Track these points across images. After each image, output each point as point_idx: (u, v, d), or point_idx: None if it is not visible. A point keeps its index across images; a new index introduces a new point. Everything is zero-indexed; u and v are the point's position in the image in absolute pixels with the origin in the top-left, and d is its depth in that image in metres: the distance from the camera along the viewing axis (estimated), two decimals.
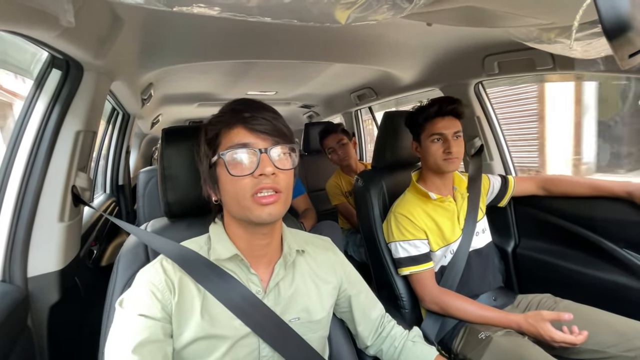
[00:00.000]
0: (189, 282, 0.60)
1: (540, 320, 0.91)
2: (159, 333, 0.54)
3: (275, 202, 0.58)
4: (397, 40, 1.32)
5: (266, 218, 0.58)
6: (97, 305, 0.75)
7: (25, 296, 0.79)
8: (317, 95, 2.63)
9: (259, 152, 0.58)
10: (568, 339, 0.86)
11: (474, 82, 1.55)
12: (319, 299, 0.69)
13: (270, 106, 0.63)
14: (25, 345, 0.77)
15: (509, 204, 1.57)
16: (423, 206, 1.12)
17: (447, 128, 1.09)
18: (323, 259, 0.73)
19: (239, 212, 0.60)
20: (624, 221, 1.15)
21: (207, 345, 0.57)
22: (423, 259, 1.09)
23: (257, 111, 0.60)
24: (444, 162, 1.09)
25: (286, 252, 0.67)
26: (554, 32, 0.75)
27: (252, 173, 0.57)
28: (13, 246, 0.80)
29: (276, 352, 0.62)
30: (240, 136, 0.59)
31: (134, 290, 0.57)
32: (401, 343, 0.78)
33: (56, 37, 0.68)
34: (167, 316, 0.56)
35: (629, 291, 1.12)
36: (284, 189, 0.59)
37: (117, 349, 0.51)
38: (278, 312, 0.63)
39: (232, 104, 0.63)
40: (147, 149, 3.59)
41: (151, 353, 0.51)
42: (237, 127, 0.60)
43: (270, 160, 0.58)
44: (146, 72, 1.43)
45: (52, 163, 0.86)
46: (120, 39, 0.92)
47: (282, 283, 0.65)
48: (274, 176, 0.58)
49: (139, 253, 0.72)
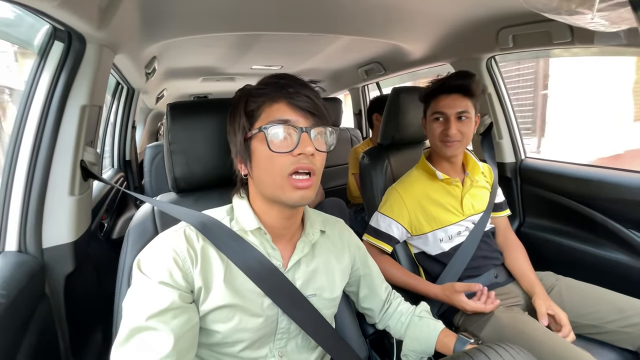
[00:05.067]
0: (212, 251, 0.60)
1: (453, 292, 0.95)
2: (179, 301, 0.53)
3: (309, 186, 0.58)
4: (408, 11, 1.26)
5: (298, 201, 0.58)
6: (109, 276, 0.78)
7: (41, 266, 0.83)
8: (323, 70, 2.57)
9: (300, 131, 0.56)
10: (478, 307, 0.93)
11: (486, 57, 1.49)
12: (335, 278, 0.71)
13: (309, 84, 0.62)
14: (44, 311, 0.81)
15: (515, 183, 1.56)
16: (427, 185, 1.10)
17: (449, 107, 1.02)
18: (339, 239, 0.75)
19: (271, 191, 0.59)
20: (630, 202, 1.14)
21: (227, 313, 0.58)
22: (386, 238, 1.08)
23: (300, 88, 0.59)
24: (441, 144, 1.04)
25: (309, 230, 0.68)
26: (575, 2, 0.71)
27: (291, 151, 0.56)
28: (26, 218, 0.82)
29: (292, 324, 0.63)
30: (282, 111, 0.58)
31: (155, 255, 0.56)
32: (407, 319, 0.81)
33: (56, 7, 0.66)
34: (189, 285, 0.56)
35: (632, 270, 1.13)
36: (318, 172, 0.59)
37: (137, 315, 0.50)
38: (297, 286, 0.64)
39: (274, 77, 0.61)
40: (153, 125, 3.58)
41: (169, 320, 0.51)
42: (279, 101, 0.58)
43: (310, 140, 0.57)
44: (149, 45, 1.40)
45: (59, 138, 0.87)
46: (122, 9, 0.90)
47: (303, 260, 0.66)
48: (312, 157, 0.57)
49: (148, 226, 0.73)
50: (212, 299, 0.57)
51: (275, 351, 0.64)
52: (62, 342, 0.87)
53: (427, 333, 0.78)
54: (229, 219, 0.64)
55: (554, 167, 1.42)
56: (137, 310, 0.51)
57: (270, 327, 0.63)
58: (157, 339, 0.49)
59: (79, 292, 0.93)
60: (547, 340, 0.84)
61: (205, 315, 0.57)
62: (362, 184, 1.34)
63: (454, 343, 0.75)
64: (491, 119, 1.53)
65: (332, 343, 0.67)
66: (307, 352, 0.69)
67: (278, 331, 0.64)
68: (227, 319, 0.58)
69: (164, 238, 0.59)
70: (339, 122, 2.65)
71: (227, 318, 0.58)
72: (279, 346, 0.65)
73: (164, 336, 0.49)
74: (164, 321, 0.50)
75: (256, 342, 0.62)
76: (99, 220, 1.35)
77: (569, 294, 1.01)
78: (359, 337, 0.83)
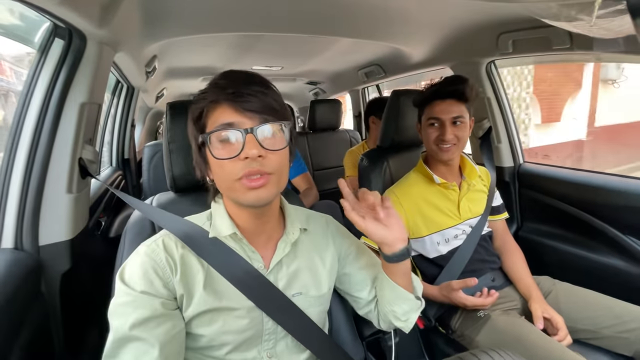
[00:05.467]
0: (192, 258, 0.59)
1: (451, 291, 0.96)
2: (162, 308, 0.54)
3: (265, 184, 0.54)
4: (409, 15, 1.26)
5: (254, 202, 0.56)
6: (106, 274, 0.77)
7: (37, 263, 0.82)
8: (323, 71, 2.58)
9: (244, 133, 0.53)
10: (478, 302, 0.94)
11: (486, 62, 1.50)
12: (320, 275, 0.69)
13: (260, 77, 0.58)
14: (40, 309, 0.80)
15: (513, 187, 1.56)
16: (424, 189, 1.10)
17: (444, 113, 1.02)
18: (322, 235, 0.73)
19: (229, 195, 0.58)
20: (628, 208, 1.14)
21: (211, 317, 0.58)
22: None
23: (243, 86, 0.54)
24: (437, 148, 1.05)
25: (289, 229, 0.67)
26: (574, 9, 0.71)
27: (237, 156, 0.53)
28: (23, 216, 0.82)
29: (279, 325, 0.63)
30: (225, 115, 0.54)
31: (136, 265, 0.56)
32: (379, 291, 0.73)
33: (57, 5, 0.66)
34: (170, 292, 0.56)
35: (629, 276, 1.14)
36: (275, 171, 0.55)
37: (121, 325, 0.51)
38: (280, 287, 0.63)
39: (215, 77, 0.58)
40: (152, 123, 3.57)
41: (153, 328, 0.52)
42: (221, 105, 0.55)
43: (258, 141, 0.53)
44: (150, 44, 1.40)
45: (58, 135, 0.86)
46: (123, 7, 0.90)
47: (285, 259, 0.66)
48: (262, 158, 0.53)
49: (145, 226, 0.73)
50: (194, 305, 0.57)
51: (264, 353, 0.63)
52: (57, 340, 0.86)
53: (382, 280, 0.70)
54: (209, 224, 0.64)
55: (552, 172, 1.43)
56: (121, 320, 0.51)
57: (256, 329, 0.62)
58: (142, 348, 0.50)
59: (75, 291, 0.93)
60: (543, 344, 0.84)
61: (190, 320, 0.58)
62: (360, 186, 1.34)
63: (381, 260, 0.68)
64: (490, 123, 1.54)
65: (320, 345, 0.66)
66: (298, 352, 0.67)
67: (265, 332, 0.63)
68: (210, 322, 0.58)
69: (143, 248, 0.59)
70: (338, 124, 2.65)
71: (210, 321, 0.58)
72: (268, 347, 0.64)
73: (149, 345, 0.50)
74: (149, 330, 0.51)
75: (243, 344, 0.61)
76: (96, 218, 1.35)
77: (566, 298, 1.01)
78: (355, 339, 0.83)
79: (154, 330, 0.51)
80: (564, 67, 6.22)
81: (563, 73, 6.31)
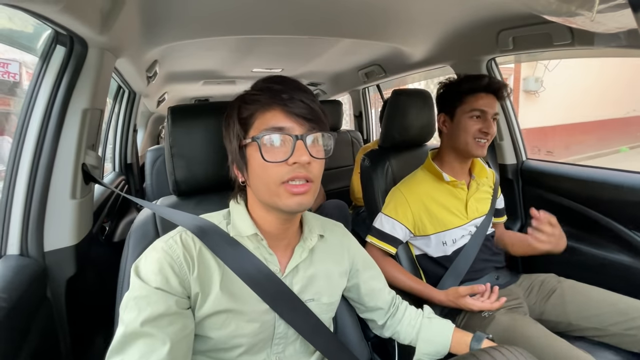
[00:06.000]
0: (209, 256, 0.59)
1: (458, 297, 0.95)
2: (175, 306, 0.53)
3: (307, 192, 0.56)
4: (408, 14, 1.26)
5: (295, 208, 0.56)
6: (111, 279, 0.78)
7: (43, 269, 0.83)
8: (324, 72, 2.58)
9: (295, 139, 0.55)
10: (485, 306, 0.94)
11: (486, 59, 1.49)
12: (334, 283, 0.70)
13: (305, 86, 0.60)
14: (45, 314, 0.81)
15: (516, 184, 1.56)
16: (431, 187, 1.10)
17: (489, 106, 1.02)
18: (338, 244, 0.74)
19: (267, 198, 0.58)
20: (633, 203, 1.13)
21: (224, 319, 0.58)
22: (391, 240, 1.08)
23: (294, 92, 0.56)
24: (475, 142, 1.03)
25: (307, 235, 0.67)
26: (574, 4, 0.71)
27: (286, 160, 0.54)
28: (28, 222, 0.82)
29: (290, 329, 0.63)
30: (276, 119, 0.56)
31: (152, 261, 0.55)
32: (418, 321, 0.79)
33: (58, 12, 0.66)
34: (185, 290, 0.55)
35: (635, 272, 1.12)
36: (315, 179, 0.57)
37: (132, 320, 0.50)
38: (295, 292, 0.63)
39: (267, 81, 0.59)
40: (154, 128, 3.59)
41: (165, 326, 0.51)
42: (273, 108, 0.56)
43: (306, 148, 0.55)
44: (151, 49, 1.41)
45: (61, 141, 0.87)
46: (124, 13, 0.90)
47: (301, 265, 0.66)
48: (308, 165, 0.55)
49: (149, 229, 0.73)
50: (209, 304, 0.56)
51: (273, 356, 0.64)
52: (64, 346, 0.87)
53: (441, 333, 0.77)
54: (225, 223, 0.63)
55: (555, 168, 1.42)
56: (133, 315, 0.51)
57: (268, 332, 0.62)
58: (152, 345, 0.49)
59: (81, 296, 0.93)
60: (548, 343, 0.83)
61: (202, 320, 0.57)
62: (363, 186, 1.34)
63: (469, 340, 0.74)
64: None
65: (331, 347, 0.66)
66: (305, 357, 0.68)
67: (275, 336, 0.63)
68: (223, 325, 0.58)
69: (160, 244, 0.58)
70: (339, 125, 2.65)
71: (223, 324, 0.58)
72: (277, 351, 0.64)
73: (159, 342, 0.49)
74: (160, 327, 0.50)
75: (253, 348, 0.61)
76: (100, 224, 1.35)
77: (572, 296, 1.01)
78: (361, 341, 0.83)
79: (166, 328, 0.51)
80: None
81: None
